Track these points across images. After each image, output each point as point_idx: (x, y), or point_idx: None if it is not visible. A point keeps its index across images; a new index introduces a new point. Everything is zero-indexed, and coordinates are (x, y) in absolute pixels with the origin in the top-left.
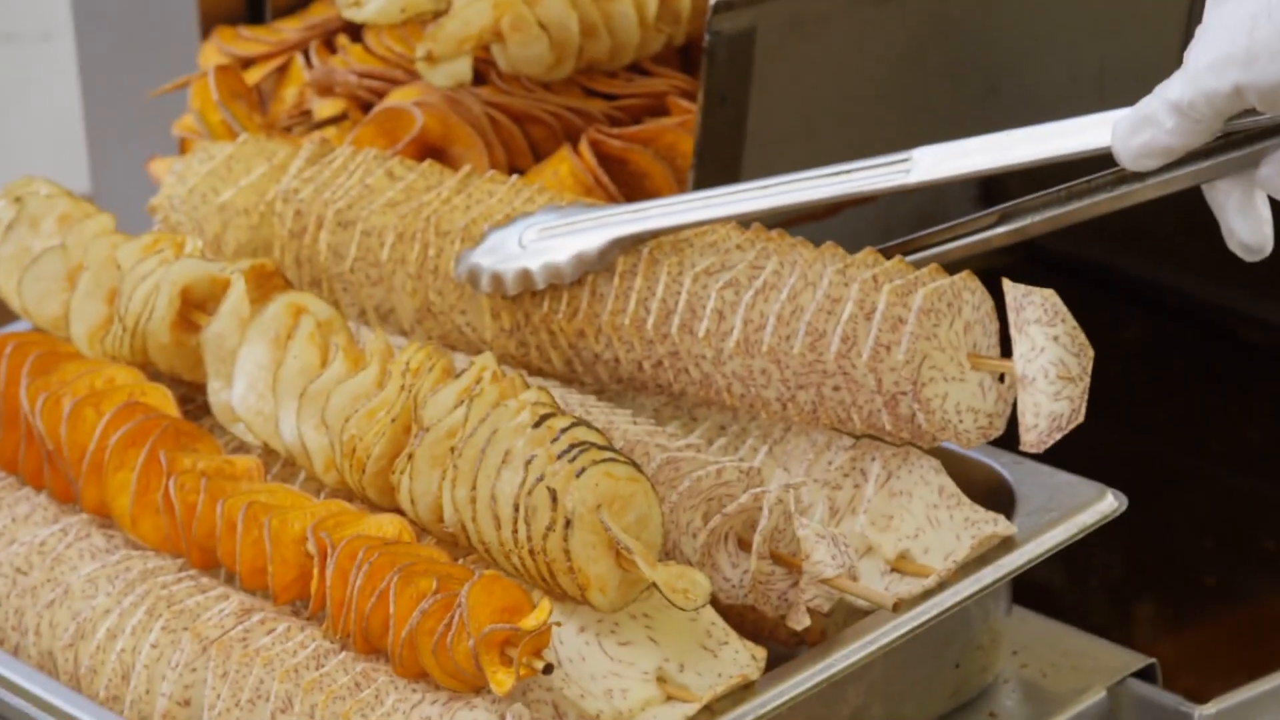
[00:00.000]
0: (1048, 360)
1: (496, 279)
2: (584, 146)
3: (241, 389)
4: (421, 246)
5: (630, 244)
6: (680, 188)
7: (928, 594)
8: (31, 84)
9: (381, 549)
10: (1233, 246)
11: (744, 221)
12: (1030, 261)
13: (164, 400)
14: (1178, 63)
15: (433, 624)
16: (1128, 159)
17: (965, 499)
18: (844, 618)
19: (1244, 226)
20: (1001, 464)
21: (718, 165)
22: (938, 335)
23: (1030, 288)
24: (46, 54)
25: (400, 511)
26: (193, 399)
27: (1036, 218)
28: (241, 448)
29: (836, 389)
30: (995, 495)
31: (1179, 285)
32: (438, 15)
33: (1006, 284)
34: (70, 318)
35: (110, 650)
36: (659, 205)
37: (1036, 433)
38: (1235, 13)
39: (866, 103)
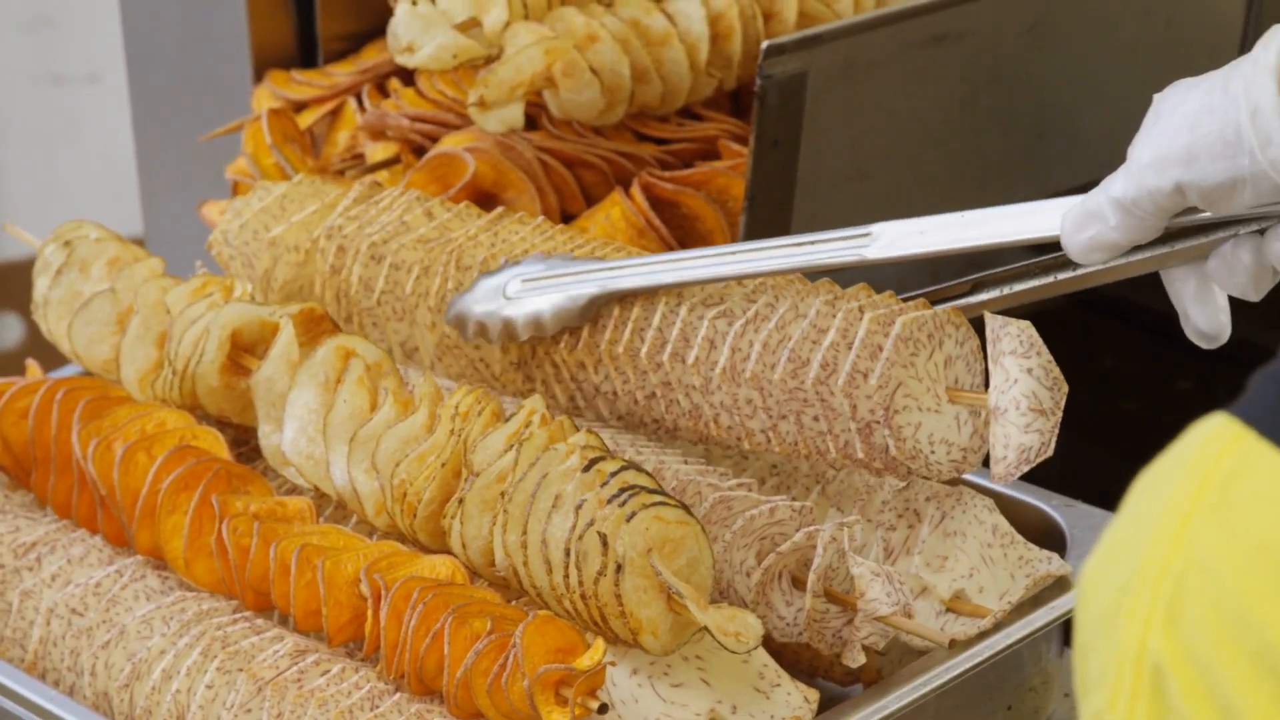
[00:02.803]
0: (1020, 392)
1: (481, 327)
2: (636, 190)
3: (292, 433)
4: (442, 280)
5: (607, 300)
6: (732, 230)
7: (981, 635)
8: (80, 126)
9: (435, 590)
10: (1189, 333)
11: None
12: (1082, 305)
13: (215, 443)
14: None
15: (488, 664)
16: (1076, 253)
17: (1019, 538)
18: (899, 656)
19: (1200, 314)
20: (1053, 506)
21: (769, 208)
22: (915, 364)
23: (1008, 319)
24: (95, 96)
25: (452, 553)
26: (245, 441)
27: (1005, 290)
28: (294, 490)
29: (815, 419)
30: (1047, 538)
31: (1235, 332)
32: (490, 61)
33: (987, 315)
34: (120, 361)
35: (165, 691)
36: (635, 265)
37: (1005, 465)
38: (1178, 109)
39: (917, 146)
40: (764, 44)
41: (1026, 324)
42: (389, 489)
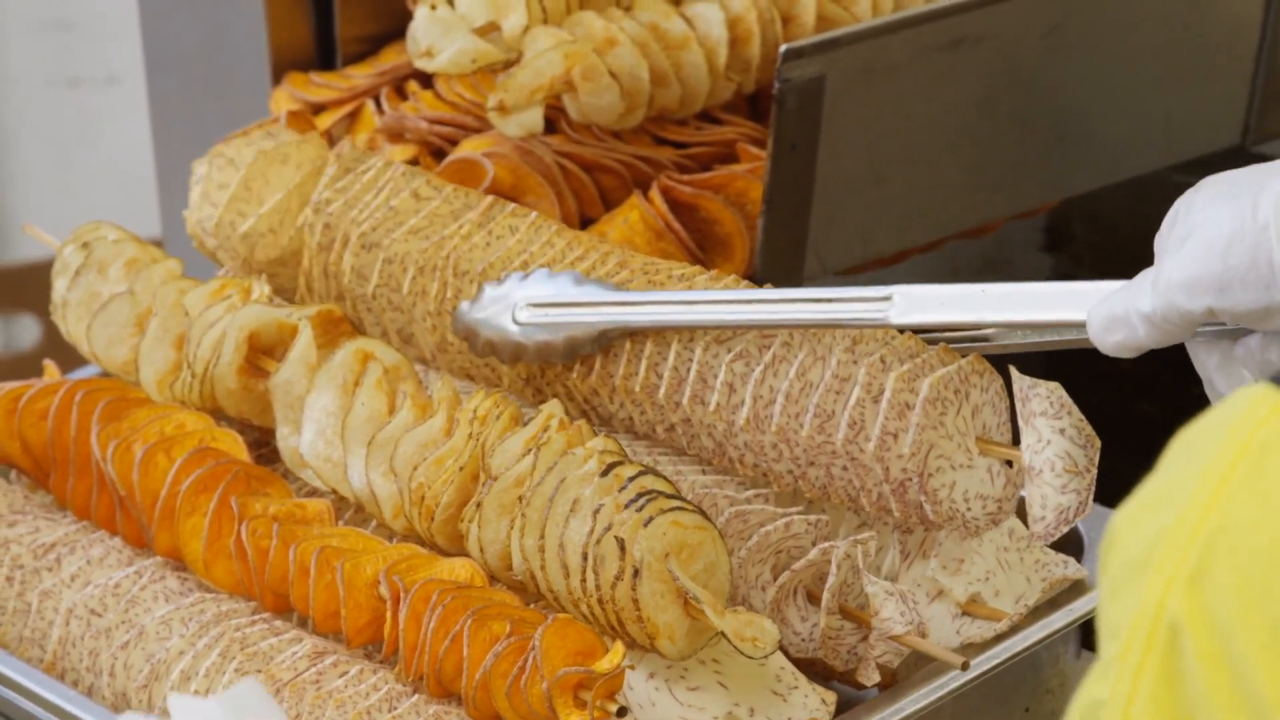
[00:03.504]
0: (1054, 453)
1: (491, 346)
2: (655, 193)
3: (310, 436)
4: (440, 285)
5: (619, 334)
6: (751, 233)
7: (998, 638)
8: (97, 128)
9: (455, 592)
10: (1212, 398)
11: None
12: None
13: (234, 445)
14: (1244, 111)
15: (507, 667)
16: (1107, 350)
17: (1035, 541)
18: (914, 660)
19: (1224, 384)
20: None
21: (787, 211)
22: (944, 424)
23: (1036, 380)
24: (112, 98)
25: (470, 557)
26: (264, 443)
27: (1026, 338)
28: (313, 492)
29: (845, 469)
30: (1064, 541)
31: None
32: (509, 65)
33: (1013, 373)
34: (139, 363)
35: (184, 692)
36: (647, 302)
37: (1044, 525)
38: (1209, 229)
39: (935, 150)
40: (782, 48)
41: (1055, 385)
42: (407, 492)
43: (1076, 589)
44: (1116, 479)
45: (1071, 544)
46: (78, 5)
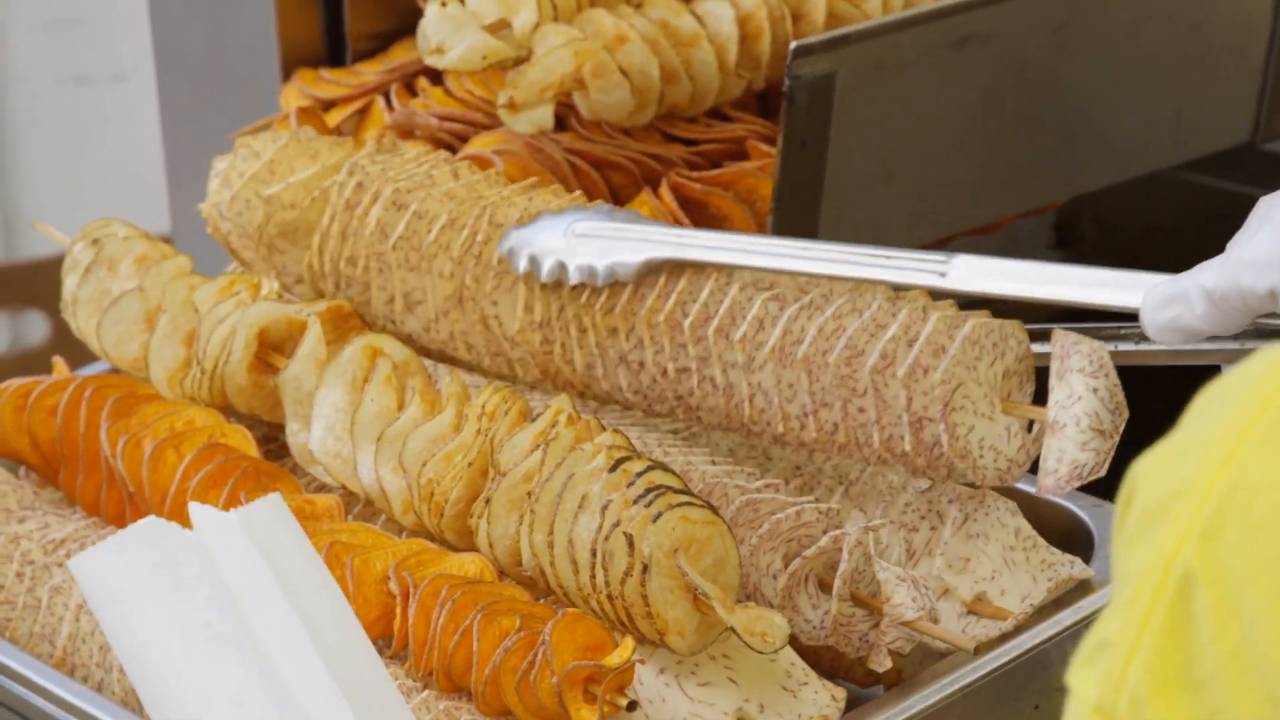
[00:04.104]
0: (1082, 410)
1: (534, 261)
2: (665, 190)
3: (320, 432)
4: (470, 233)
5: (660, 267)
6: (760, 231)
7: (1006, 636)
8: (105, 126)
9: (464, 588)
10: None
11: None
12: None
13: (244, 441)
14: (1254, 108)
15: (516, 662)
16: (1154, 331)
17: (1042, 541)
18: (920, 658)
19: None
20: (1080, 506)
21: (797, 208)
22: (977, 369)
23: (1080, 337)
24: (120, 96)
25: (479, 552)
26: (274, 439)
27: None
28: (322, 487)
29: (862, 410)
30: (1074, 538)
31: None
32: (519, 62)
33: (1057, 331)
34: (149, 360)
35: None
36: (700, 237)
37: (1055, 478)
38: None
39: (944, 147)
40: (792, 45)
41: (1099, 344)
42: (416, 488)
43: (1082, 588)
44: None
45: (1082, 540)
46: (86, 2)
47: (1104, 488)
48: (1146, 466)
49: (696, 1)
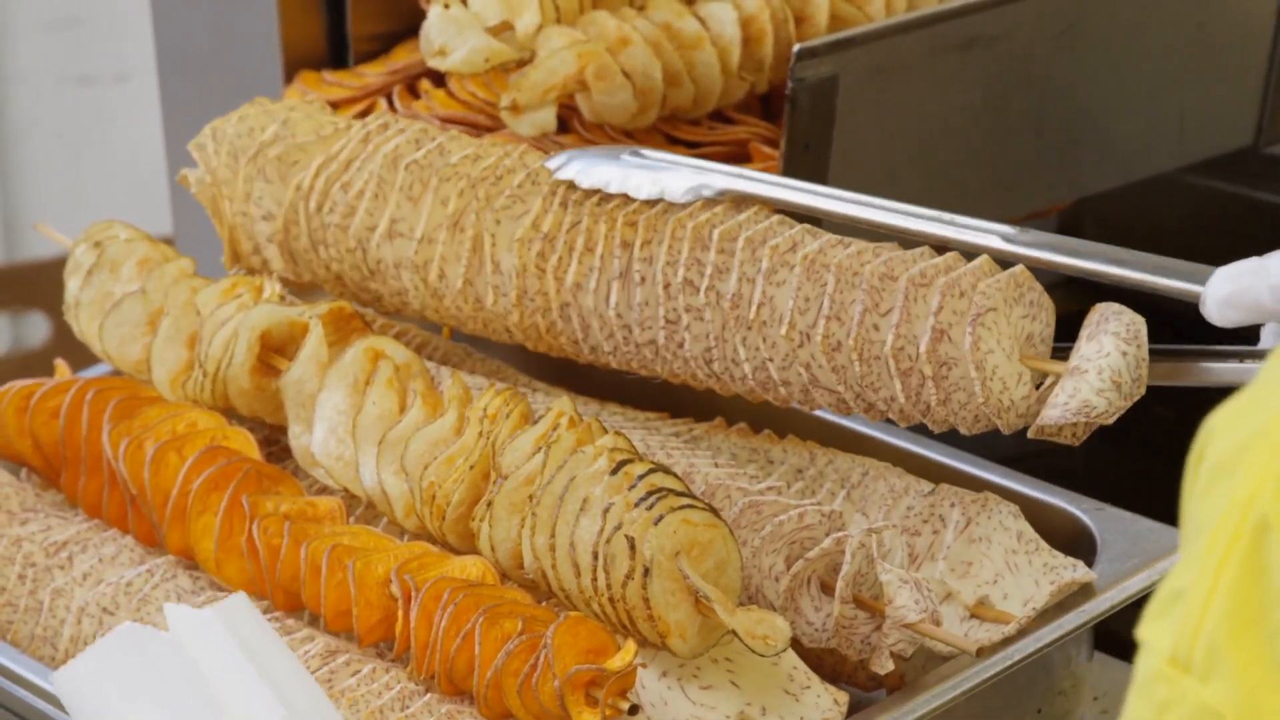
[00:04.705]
0: (1108, 364)
1: (582, 170)
2: None
3: (321, 434)
4: (496, 161)
5: (713, 199)
6: None
7: (1009, 640)
8: (108, 126)
9: (466, 590)
10: None
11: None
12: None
13: (246, 444)
14: (1257, 112)
15: (518, 665)
16: (1213, 305)
17: (1044, 545)
18: (922, 662)
19: None
20: (1083, 510)
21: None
22: (1011, 310)
23: (1124, 308)
24: (123, 96)
25: (481, 555)
26: (276, 440)
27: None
28: (324, 489)
29: (884, 314)
30: (1077, 542)
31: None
32: (521, 64)
33: (1100, 304)
34: (151, 363)
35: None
36: (760, 175)
37: (1062, 410)
38: None
39: (948, 151)
40: (795, 47)
41: (1140, 319)
42: (418, 491)
43: (1086, 592)
44: (1133, 480)
45: (1085, 544)
46: (88, 2)
47: (1106, 492)
48: (1219, 420)
49: (699, 4)
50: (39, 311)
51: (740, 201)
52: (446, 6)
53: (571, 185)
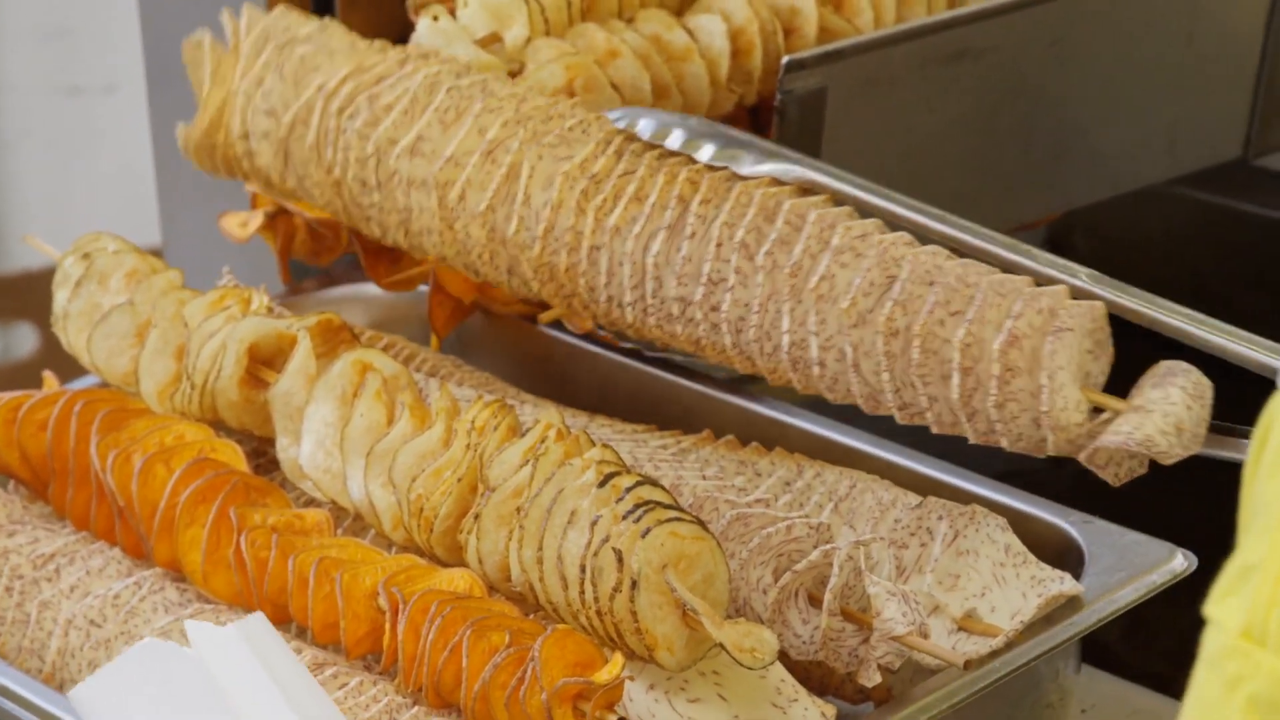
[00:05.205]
0: (1172, 411)
1: (645, 128)
2: None
3: (309, 447)
4: (549, 103)
5: (780, 179)
6: None
7: (996, 653)
8: (97, 137)
9: (454, 603)
10: None
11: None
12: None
13: (234, 456)
14: (1245, 124)
15: (506, 678)
16: None
17: (1032, 557)
18: (910, 675)
19: None
20: (1070, 523)
21: None
22: (1083, 340)
23: (1193, 367)
24: (111, 107)
25: (468, 568)
26: (264, 452)
27: None
28: (311, 502)
29: (956, 312)
30: (1064, 555)
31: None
32: (510, 76)
33: (1167, 363)
34: (140, 375)
35: None
36: (832, 172)
37: (1125, 437)
38: None
39: (937, 162)
40: (784, 59)
41: (1209, 382)
42: (406, 503)
43: (1074, 605)
44: (1120, 493)
45: (1073, 557)
46: (78, 13)
47: (1094, 505)
48: None
49: (688, 16)
50: (27, 323)
51: (808, 189)
52: (435, 19)
53: (630, 137)
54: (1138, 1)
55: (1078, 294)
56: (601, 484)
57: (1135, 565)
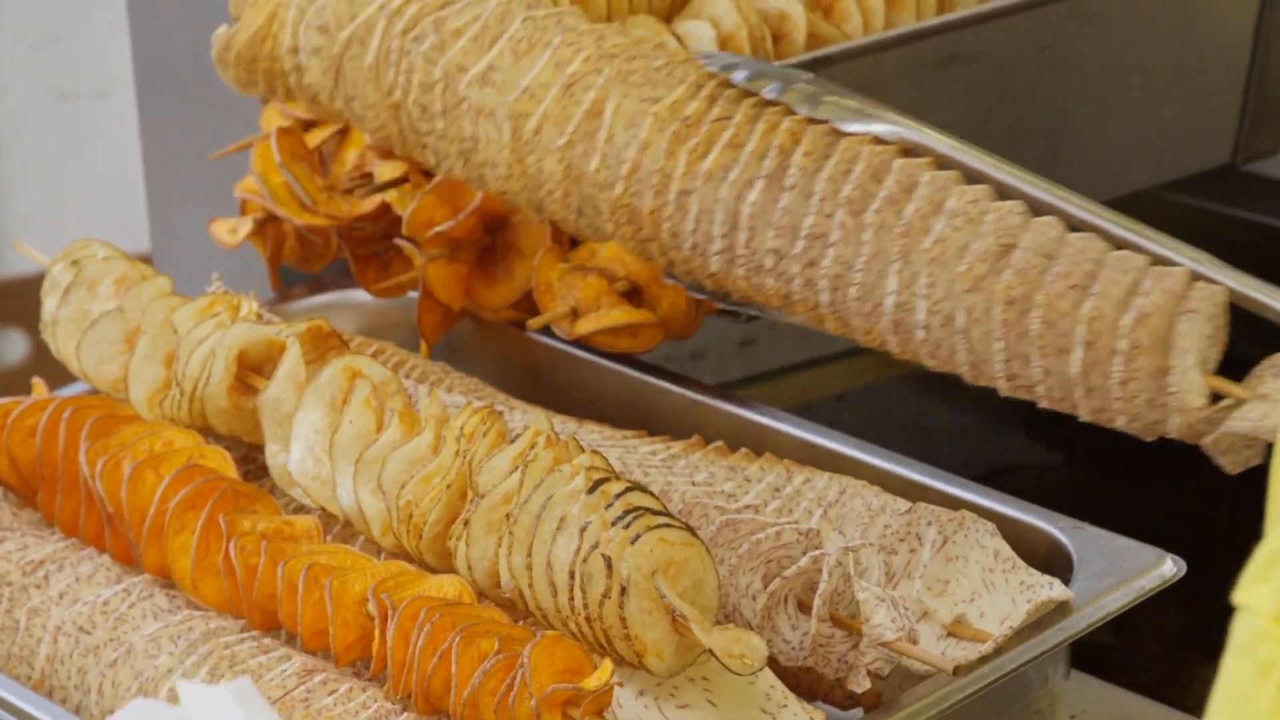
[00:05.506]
0: None
1: (742, 76)
2: None
3: (299, 454)
4: (634, 40)
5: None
6: None
7: (986, 658)
8: (88, 143)
9: (443, 609)
10: None
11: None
12: None
13: (223, 463)
14: (1235, 131)
15: (495, 684)
16: None
17: (1021, 563)
18: (899, 681)
19: None
20: (1059, 529)
21: None
22: (1207, 324)
23: None
24: (103, 113)
25: (458, 574)
26: (253, 459)
27: None
28: (301, 509)
29: (1079, 285)
30: (1054, 560)
31: (1241, 356)
32: None
33: None
34: (129, 381)
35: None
36: (941, 138)
37: (1254, 424)
38: None
39: None
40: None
41: None
42: (395, 510)
43: (1063, 610)
44: (1115, 499)
45: (1062, 563)
46: (69, 18)
47: (1082, 510)
48: None
49: (677, 22)
50: (17, 329)
51: (910, 151)
52: None
53: (724, 83)
54: (1128, 7)
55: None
56: (590, 490)
57: (1124, 570)
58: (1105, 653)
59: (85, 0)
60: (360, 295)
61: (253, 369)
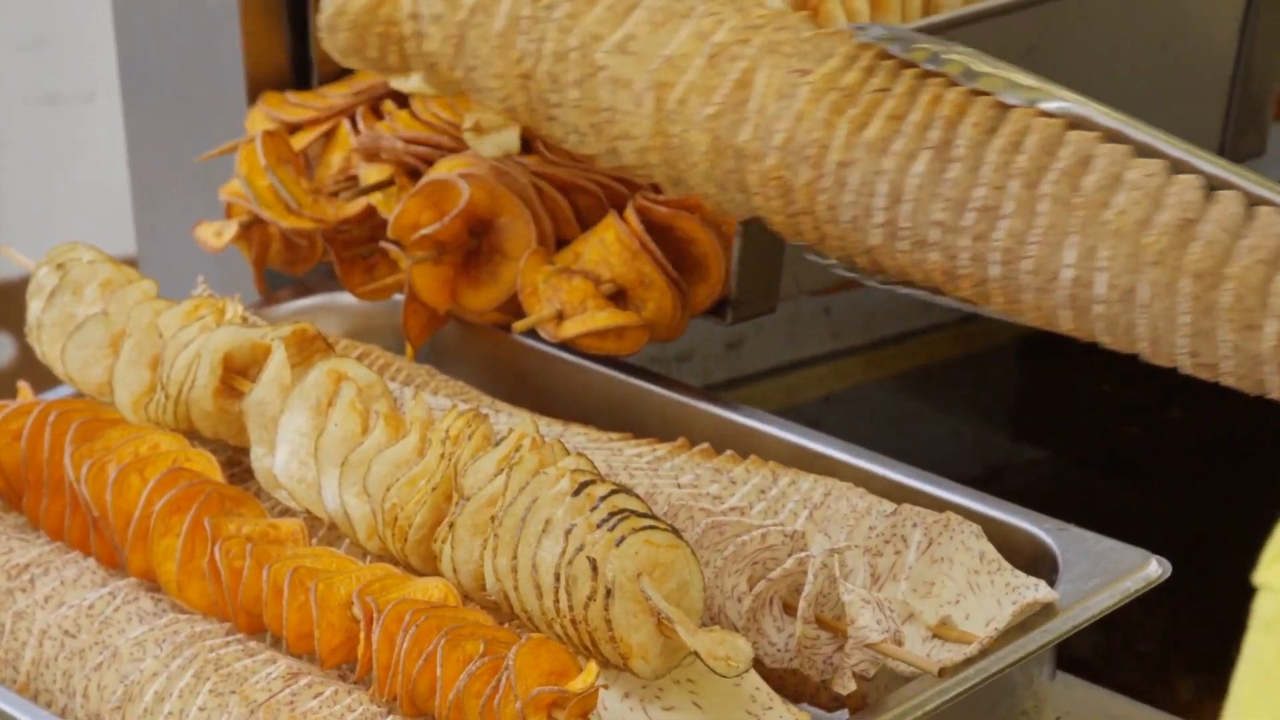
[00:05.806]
0: None
1: (899, 47)
2: (630, 213)
3: (284, 456)
4: (774, 13)
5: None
6: (727, 254)
7: (971, 660)
8: (74, 146)
9: (428, 612)
10: None
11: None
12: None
13: (208, 466)
14: (1220, 133)
15: (480, 686)
16: None
17: (1006, 565)
18: (885, 682)
19: None
20: (1044, 530)
21: (763, 232)
22: None
23: None
24: (89, 116)
25: (443, 577)
26: (239, 462)
27: None
28: (286, 512)
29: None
30: (1039, 562)
31: None
32: None
33: None
34: (114, 385)
35: (158, 713)
36: (1107, 112)
37: None
38: None
39: None
40: None
41: None
42: (380, 513)
43: (1049, 611)
44: (1101, 500)
45: (1047, 564)
46: (55, 22)
47: (1067, 512)
48: None
49: None
50: (2, 332)
51: (1077, 124)
52: None
53: (881, 54)
54: (1112, 9)
55: None
56: (576, 492)
57: (1110, 572)
58: (1091, 654)
59: (72, 4)
60: (345, 298)
61: (238, 372)
